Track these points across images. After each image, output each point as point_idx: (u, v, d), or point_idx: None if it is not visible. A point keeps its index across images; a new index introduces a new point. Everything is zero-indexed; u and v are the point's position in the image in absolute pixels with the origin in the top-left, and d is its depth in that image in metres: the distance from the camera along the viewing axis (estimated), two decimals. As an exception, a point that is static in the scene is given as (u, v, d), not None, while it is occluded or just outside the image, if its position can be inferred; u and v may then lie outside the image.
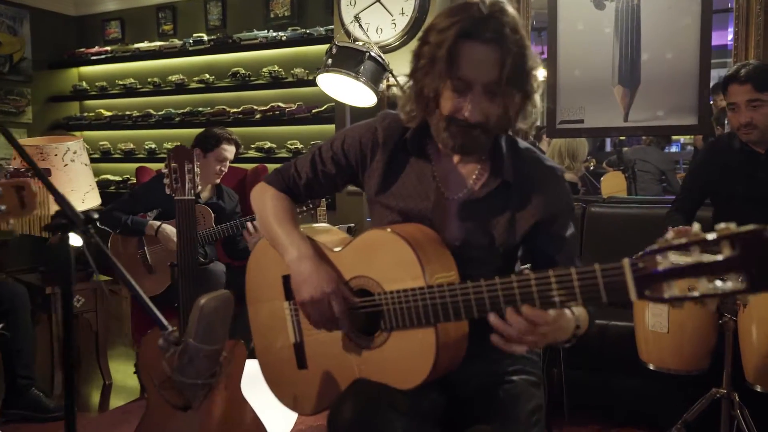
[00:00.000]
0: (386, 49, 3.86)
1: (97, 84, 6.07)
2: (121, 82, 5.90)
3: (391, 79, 3.58)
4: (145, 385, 1.92)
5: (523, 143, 1.57)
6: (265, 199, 1.63)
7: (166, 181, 2.11)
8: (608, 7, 3.61)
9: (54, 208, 2.98)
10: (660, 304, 1.01)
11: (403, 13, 3.89)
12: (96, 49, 6.00)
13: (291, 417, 2.49)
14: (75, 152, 3.27)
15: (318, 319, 1.46)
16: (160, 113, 5.68)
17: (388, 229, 1.43)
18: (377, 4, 3.94)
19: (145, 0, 5.91)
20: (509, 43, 1.32)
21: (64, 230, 1.49)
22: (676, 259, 0.99)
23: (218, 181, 3.44)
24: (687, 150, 6.88)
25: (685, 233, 0.99)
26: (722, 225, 0.96)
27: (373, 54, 3.44)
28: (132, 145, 5.89)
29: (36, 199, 1.43)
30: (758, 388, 2.11)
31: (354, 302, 1.46)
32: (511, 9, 1.37)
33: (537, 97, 1.43)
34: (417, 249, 1.38)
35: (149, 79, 5.77)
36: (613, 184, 5.43)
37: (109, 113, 5.96)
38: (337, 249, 1.54)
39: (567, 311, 1.30)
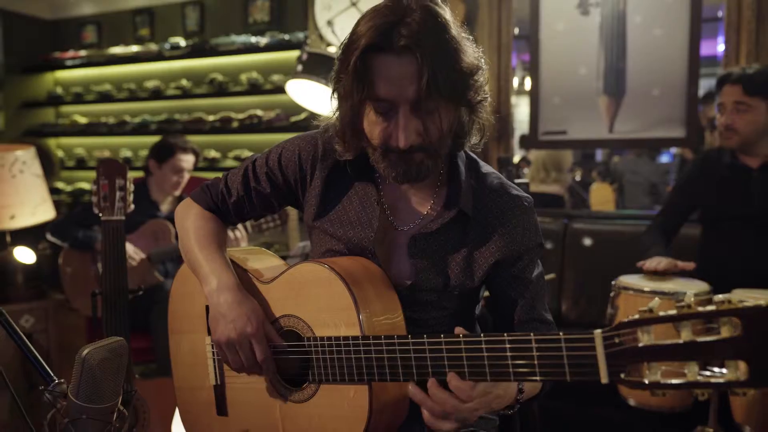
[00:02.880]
0: (362, 55, 3.62)
1: (72, 90, 5.81)
2: (96, 88, 5.65)
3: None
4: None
5: (486, 167, 1.32)
6: (187, 219, 1.38)
7: (94, 198, 1.86)
8: (593, 14, 3.38)
9: None
10: (637, 390, 0.77)
11: (379, 18, 3.64)
12: (71, 53, 5.74)
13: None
14: (24, 162, 3.02)
15: (236, 362, 1.22)
16: (136, 120, 5.44)
17: (325, 265, 1.19)
18: (353, 8, 3.69)
19: (122, 4, 5.66)
20: (430, 48, 1.07)
21: None
22: (661, 335, 0.75)
23: (178, 192, 3.19)
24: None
25: (659, 264, 0.75)
26: (720, 297, 0.73)
27: (345, 61, 3.21)
28: (108, 153, 5.63)
29: None
30: (747, 430, 1.86)
31: (280, 346, 1.22)
32: (437, 4, 1.13)
33: (485, 104, 1.18)
34: (355, 291, 1.15)
35: (125, 86, 5.52)
36: (601, 195, 5.22)
37: (84, 120, 5.71)
38: (266, 280, 1.30)
39: (507, 383, 1.09)
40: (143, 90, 5.43)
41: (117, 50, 5.52)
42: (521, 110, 5.10)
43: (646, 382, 0.76)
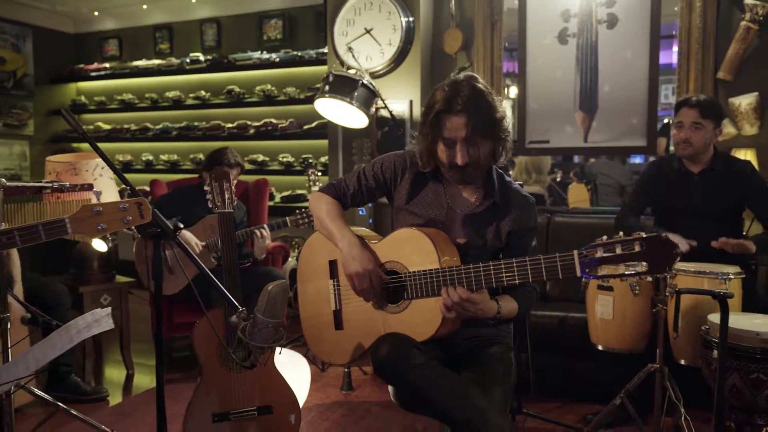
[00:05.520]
0: (375, 75, 4.39)
1: (95, 99, 6.49)
2: (119, 98, 6.34)
3: (380, 103, 4.11)
4: (200, 357, 2.40)
5: (508, 177, 2.14)
6: (321, 204, 2.17)
7: (209, 197, 2.60)
8: (570, 43, 4.21)
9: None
10: (595, 279, 1.56)
11: (390, 43, 4.41)
12: (95, 65, 6.43)
13: (304, 388, 3.00)
14: (102, 167, 3.72)
15: (360, 288, 1.99)
16: (157, 127, 6.14)
17: (414, 228, 2.00)
18: (367, 35, 4.46)
19: (143, 20, 6.37)
20: (474, 110, 1.88)
21: (157, 238, 1.96)
22: (607, 251, 1.55)
23: (227, 196, 3.93)
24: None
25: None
26: (636, 233, 1.52)
27: (365, 82, 3.98)
28: (130, 157, 6.33)
29: (150, 211, 1.87)
30: (682, 362, 2.70)
31: (386, 279, 2.01)
32: (479, 82, 1.93)
33: (508, 136, 1.99)
34: (435, 243, 1.94)
35: (147, 95, 6.22)
36: (577, 194, 6.05)
37: (107, 126, 6.39)
38: (374, 242, 2.09)
39: (492, 301, 1.90)
40: (164, 100, 6.14)
41: (140, 63, 6.22)
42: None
43: (599, 275, 1.55)
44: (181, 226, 2.01)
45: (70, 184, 3.07)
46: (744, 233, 3.26)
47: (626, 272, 1.52)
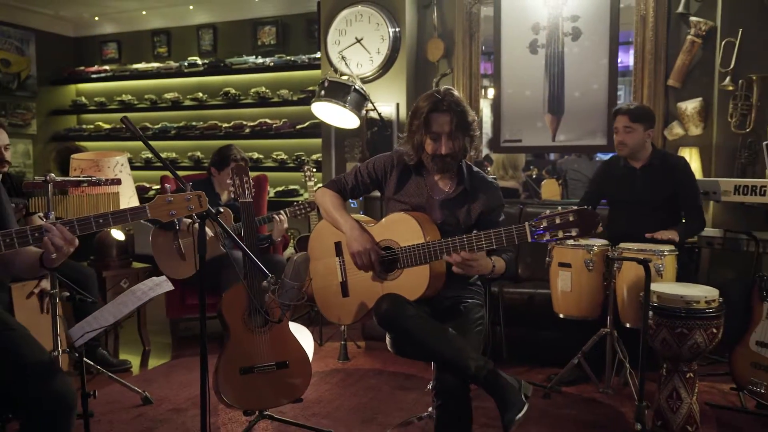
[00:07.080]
0: (365, 80, 4.95)
1: (95, 99, 6.97)
2: (118, 98, 6.83)
3: (369, 105, 4.67)
4: (228, 321, 2.93)
5: (475, 168, 2.70)
6: (326, 197, 2.72)
7: (231, 188, 3.14)
8: (540, 53, 4.81)
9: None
10: (542, 242, 2.14)
11: (379, 52, 4.97)
12: (95, 68, 6.91)
13: (309, 354, 3.55)
14: (122, 164, 4.24)
15: (361, 263, 2.54)
16: (156, 126, 6.63)
17: (402, 212, 2.56)
18: (358, 44, 5.02)
19: (142, 25, 6.86)
20: (455, 111, 2.46)
21: (202, 218, 2.49)
22: (549, 222, 2.13)
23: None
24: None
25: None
26: (570, 207, 2.10)
27: (357, 87, 4.53)
28: (129, 155, 6.81)
29: (207, 202, 2.35)
30: (627, 325, 3.30)
31: (382, 254, 2.56)
32: (455, 92, 2.50)
33: (477, 135, 2.56)
34: (420, 223, 2.50)
35: (146, 96, 6.71)
36: (550, 189, 6.65)
37: (107, 126, 6.88)
38: (371, 225, 2.64)
39: (487, 258, 2.43)
40: (163, 101, 6.63)
41: (139, 66, 6.71)
42: (483, 113, 6.49)
43: (545, 239, 2.13)
44: (222, 210, 2.54)
45: (105, 179, 3.60)
46: (683, 220, 3.88)
47: (564, 236, 2.10)
